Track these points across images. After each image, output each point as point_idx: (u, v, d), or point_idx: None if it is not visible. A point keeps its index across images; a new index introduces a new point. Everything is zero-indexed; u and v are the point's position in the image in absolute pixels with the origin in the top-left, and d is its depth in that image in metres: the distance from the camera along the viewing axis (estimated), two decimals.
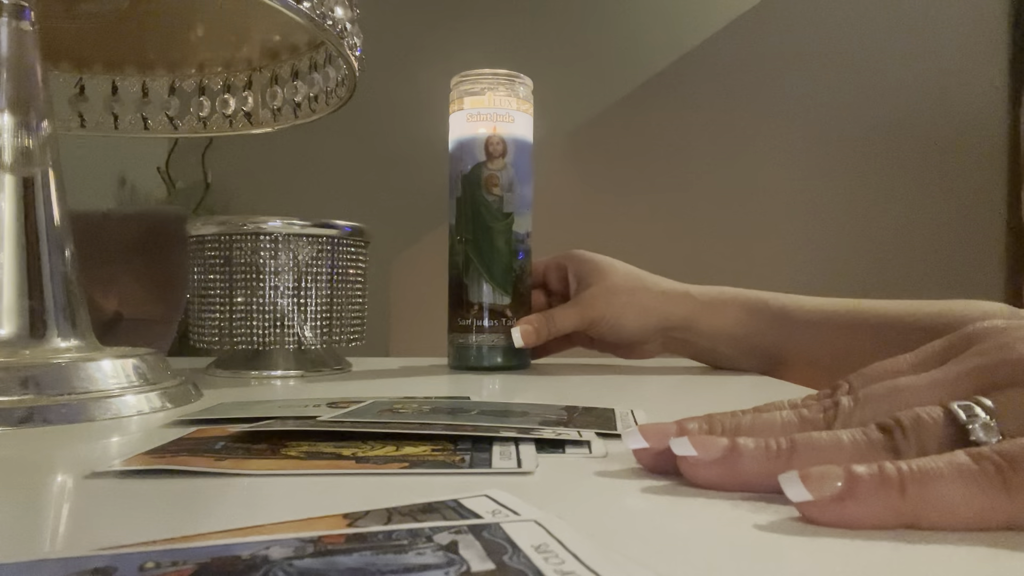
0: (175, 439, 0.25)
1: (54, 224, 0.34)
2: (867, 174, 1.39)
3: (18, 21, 0.35)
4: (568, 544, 0.14)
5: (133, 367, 0.33)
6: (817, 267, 1.36)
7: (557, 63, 1.58)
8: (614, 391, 0.42)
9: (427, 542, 0.14)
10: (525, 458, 0.22)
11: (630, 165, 1.47)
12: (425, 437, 0.25)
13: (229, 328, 0.48)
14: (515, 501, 0.17)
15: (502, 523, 0.15)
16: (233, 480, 0.20)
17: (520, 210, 0.53)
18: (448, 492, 0.17)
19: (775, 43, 1.42)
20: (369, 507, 0.16)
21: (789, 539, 0.16)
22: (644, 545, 0.15)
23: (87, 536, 0.16)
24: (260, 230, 0.47)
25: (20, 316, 0.33)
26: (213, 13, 0.46)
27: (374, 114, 1.63)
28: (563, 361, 0.59)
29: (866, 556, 0.15)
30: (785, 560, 0.14)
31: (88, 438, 0.27)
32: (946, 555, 0.15)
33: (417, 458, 0.22)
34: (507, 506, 0.17)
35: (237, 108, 0.50)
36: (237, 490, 0.20)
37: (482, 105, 0.52)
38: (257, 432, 0.25)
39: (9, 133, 0.34)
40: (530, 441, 0.24)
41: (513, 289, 0.52)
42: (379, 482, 0.20)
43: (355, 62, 0.42)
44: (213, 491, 0.19)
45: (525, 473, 0.21)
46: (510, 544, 0.14)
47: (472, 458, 0.22)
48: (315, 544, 0.14)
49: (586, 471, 0.21)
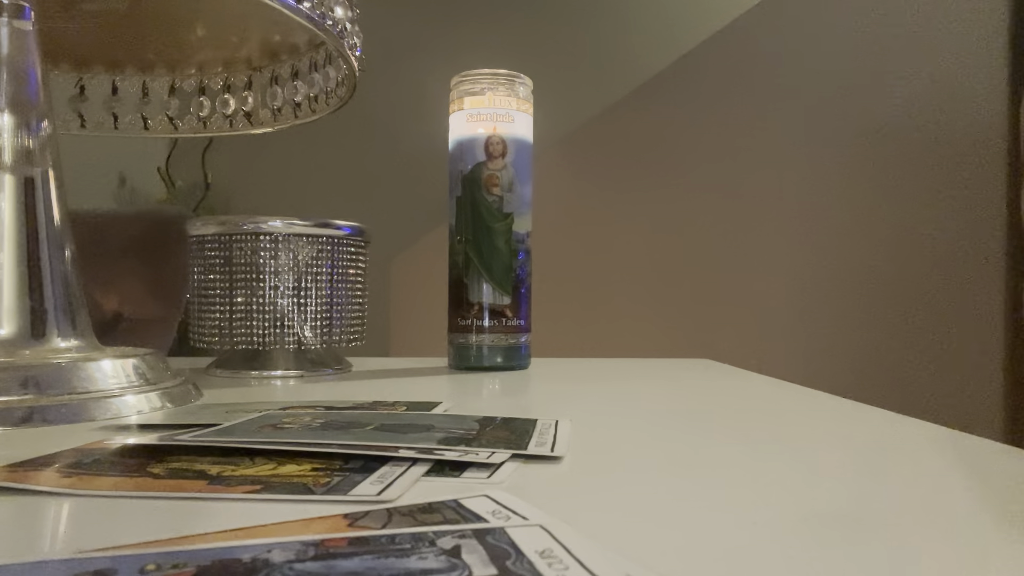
0: (57, 451, 0.24)
1: (54, 224, 0.34)
2: (867, 174, 1.39)
3: (18, 21, 0.35)
4: (573, 549, 0.14)
5: (133, 367, 0.33)
6: (817, 267, 1.36)
7: (557, 63, 1.58)
8: (615, 391, 0.42)
9: (430, 546, 0.14)
10: (398, 484, 0.19)
11: (630, 165, 1.47)
12: (314, 453, 0.23)
13: (229, 328, 0.48)
14: (516, 502, 0.17)
15: (507, 528, 0.15)
16: (68, 500, 0.19)
17: (520, 210, 0.53)
18: (296, 514, 0.17)
19: (775, 43, 1.42)
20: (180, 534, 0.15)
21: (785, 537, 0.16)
22: (649, 551, 0.15)
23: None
24: (260, 230, 0.47)
25: (20, 316, 0.33)
26: (213, 13, 0.46)
27: (374, 114, 1.63)
28: (563, 360, 0.59)
29: (865, 553, 0.15)
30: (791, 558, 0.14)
31: (88, 439, 0.27)
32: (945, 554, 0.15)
33: (281, 480, 0.20)
34: (508, 507, 0.16)
35: (237, 108, 0.50)
36: (49, 512, 0.18)
37: (482, 105, 0.52)
38: (148, 445, 0.24)
39: (9, 133, 0.34)
40: (427, 462, 0.22)
41: (513, 289, 0.52)
42: (214, 508, 0.18)
43: (355, 62, 0.42)
44: (28, 513, 0.18)
45: (380, 502, 0.18)
46: (514, 549, 0.14)
47: (343, 481, 0.20)
48: (317, 547, 0.14)
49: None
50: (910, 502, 0.19)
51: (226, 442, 0.23)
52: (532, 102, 0.54)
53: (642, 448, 0.26)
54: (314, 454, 0.23)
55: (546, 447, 0.24)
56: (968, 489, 0.20)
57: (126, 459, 0.23)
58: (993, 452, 0.25)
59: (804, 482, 0.21)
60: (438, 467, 0.21)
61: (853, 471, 0.23)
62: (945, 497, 0.19)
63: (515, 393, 0.42)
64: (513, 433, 0.26)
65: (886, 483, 0.21)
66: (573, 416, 0.31)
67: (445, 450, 0.23)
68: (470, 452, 0.23)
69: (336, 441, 0.23)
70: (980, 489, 0.20)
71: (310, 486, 0.19)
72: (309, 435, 0.25)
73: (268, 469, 0.21)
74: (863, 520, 0.17)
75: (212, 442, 0.23)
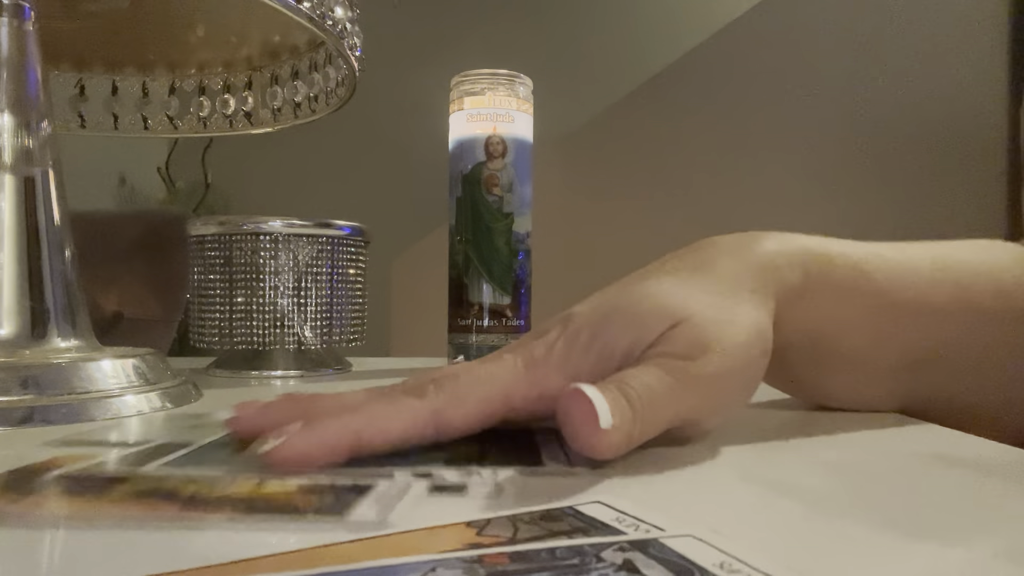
0: (27, 464, 0.22)
1: (54, 224, 0.34)
2: (867, 175, 1.39)
3: (18, 21, 0.35)
4: (750, 561, 0.13)
5: (133, 367, 0.33)
6: None
7: (557, 63, 1.58)
8: None
9: (598, 562, 0.13)
10: (400, 508, 0.17)
11: (630, 165, 1.47)
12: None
13: (229, 328, 0.48)
14: (632, 507, 0.16)
15: (661, 539, 0.14)
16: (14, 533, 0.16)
17: (520, 210, 0.53)
18: (297, 542, 0.15)
19: (775, 44, 1.42)
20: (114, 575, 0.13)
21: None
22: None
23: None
24: (260, 230, 0.47)
25: (20, 316, 0.33)
26: (213, 13, 0.46)
27: (374, 114, 1.63)
28: None
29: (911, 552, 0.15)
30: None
31: (37, 455, 0.27)
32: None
33: (266, 500, 0.18)
34: (630, 514, 0.15)
35: (237, 108, 0.50)
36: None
37: (482, 105, 0.52)
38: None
39: (9, 133, 0.34)
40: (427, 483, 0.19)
41: (513, 289, 0.52)
42: (197, 537, 0.16)
43: (355, 62, 0.42)
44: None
45: (382, 526, 0.16)
46: (688, 562, 0.13)
47: (335, 501, 0.17)
48: (481, 563, 0.13)
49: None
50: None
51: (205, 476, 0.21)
52: (532, 102, 0.54)
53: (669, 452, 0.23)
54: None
55: (560, 459, 0.22)
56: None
57: (83, 482, 0.20)
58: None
59: (807, 481, 0.21)
60: (436, 487, 0.19)
61: (853, 469, 0.23)
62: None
63: None
64: (520, 447, 0.24)
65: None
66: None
67: (445, 470, 0.21)
68: (474, 473, 0.20)
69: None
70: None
71: (299, 507, 0.17)
72: None
73: (249, 488, 0.19)
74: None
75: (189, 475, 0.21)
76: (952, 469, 0.22)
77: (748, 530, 0.16)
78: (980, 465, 0.23)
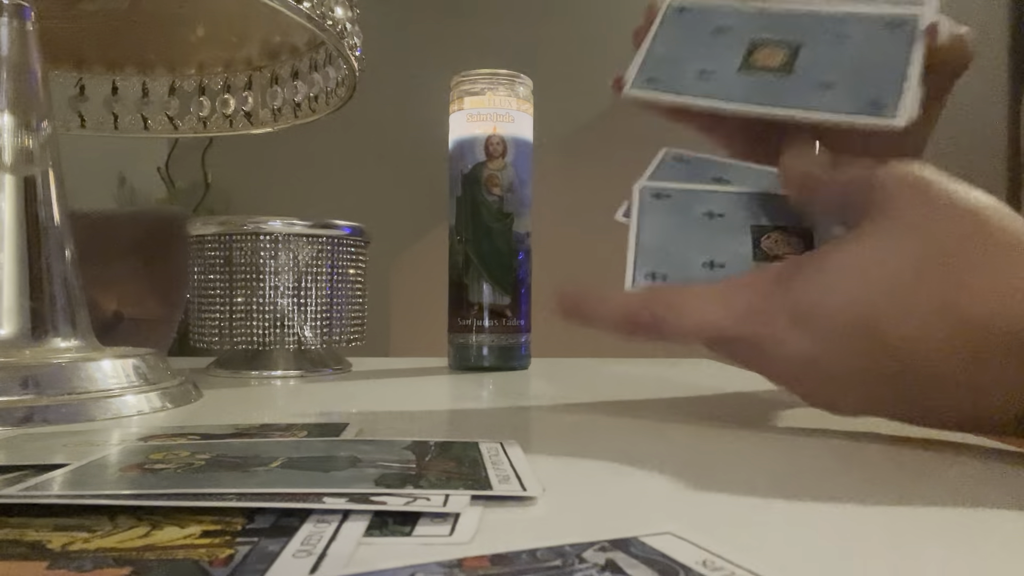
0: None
1: (54, 224, 0.34)
2: None
3: (18, 21, 0.35)
4: (731, 557, 0.13)
5: (133, 367, 0.33)
6: None
7: (557, 63, 1.58)
8: (618, 392, 0.42)
9: (580, 562, 0.13)
10: (333, 553, 0.14)
11: (630, 165, 1.47)
12: (202, 508, 0.16)
13: (229, 328, 0.48)
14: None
15: (641, 537, 0.14)
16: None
17: (520, 210, 0.53)
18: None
19: None
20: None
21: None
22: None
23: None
24: (260, 230, 0.47)
25: (20, 316, 0.33)
26: (213, 13, 0.46)
27: (374, 114, 1.63)
28: (563, 360, 0.59)
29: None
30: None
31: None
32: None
33: (160, 551, 0.14)
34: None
35: (237, 108, 0.50)
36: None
37: (482, 105, 0.52)
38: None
39: (9, 133, 0.34)
40: (363, 514, 0.16)
41: (513, 289, 0.52)
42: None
43: (355, 62, 0.42)
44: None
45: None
46: (671, 561, 0.13)
47: (252, 551, 0.14)
48: (460, 568, 0.13)
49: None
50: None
51: (75, 498, 0.17)
52: (532, 102, 0.54)
53: (631, 477, 0.21)
54: (206, 509, 0.16)
55: (513, 483, 0.19)
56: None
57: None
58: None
59: (809, 480, 0.21)
60: (378, 521, 0.16)
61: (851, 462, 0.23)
62: None
63: (513, 394, 0.42)
64: (462, 464, 0.20)
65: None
66: (564, 431, 0.31)
67: (387, 495, 0.17)
68: (419, 497, 0.17)
69: (235, 490, 0.17)
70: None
71: (204, 564, 0.13)
72: (195, 481, 0.18)
73: (138, 536, 0.15)
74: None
75: (55, 500, 0.17)
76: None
77: (728, 528, 0.16)
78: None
